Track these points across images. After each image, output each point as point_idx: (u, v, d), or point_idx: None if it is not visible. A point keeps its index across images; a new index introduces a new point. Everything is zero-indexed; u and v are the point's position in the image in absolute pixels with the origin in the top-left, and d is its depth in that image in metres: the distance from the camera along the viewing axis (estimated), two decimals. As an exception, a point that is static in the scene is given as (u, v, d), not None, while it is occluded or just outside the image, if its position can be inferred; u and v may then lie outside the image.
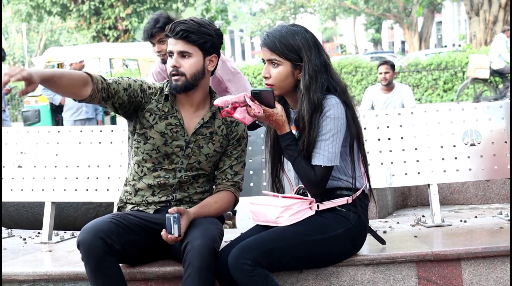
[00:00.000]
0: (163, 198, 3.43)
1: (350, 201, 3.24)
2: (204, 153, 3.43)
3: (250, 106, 3.10)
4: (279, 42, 3.18)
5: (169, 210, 3.15)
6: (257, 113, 3.11)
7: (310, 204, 3.22)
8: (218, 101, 3.13)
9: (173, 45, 3.34)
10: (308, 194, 3.27)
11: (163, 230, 3.15)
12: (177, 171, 3.42)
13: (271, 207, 3.24)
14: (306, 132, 3.18)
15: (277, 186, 3.43)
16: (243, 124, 3.47)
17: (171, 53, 3.35)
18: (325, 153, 3.16)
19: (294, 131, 3.27)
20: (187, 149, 3.42)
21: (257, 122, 3.45)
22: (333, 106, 3.15)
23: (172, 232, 3.11)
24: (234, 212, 5.11)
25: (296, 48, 3.18)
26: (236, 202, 3.53)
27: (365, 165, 3.33)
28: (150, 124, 3.40)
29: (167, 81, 3.46)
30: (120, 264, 3.26)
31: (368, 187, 3.34)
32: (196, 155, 3.42)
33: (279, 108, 3.17)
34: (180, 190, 3.44)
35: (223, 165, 3.50)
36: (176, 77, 3.34)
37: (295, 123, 3.27)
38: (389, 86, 8.94)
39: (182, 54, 3.33)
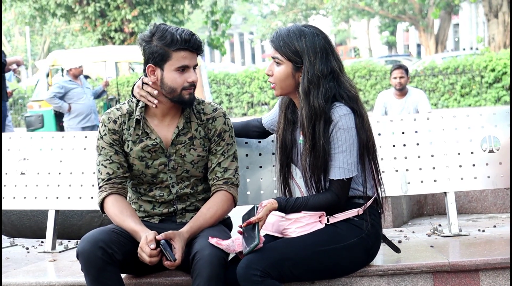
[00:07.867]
0: (165, 211, 3.43)
1: (361, 212, 3.23)
2: (188, 161, 3.39)
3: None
4: (283, 41, 3.19)
5: (157, 238, 3.10)
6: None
7: (320, 217, 3.21)
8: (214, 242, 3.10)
9: (190, 59, 3.29)
10: None
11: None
12: (170, 187, 3.41)
13: (279, 218, 3.24)
14: (310, 139, 3.17)
15: (286, 193, 3.43)
16: (220, 118, 3.43)
17: (186, 67, 3.29)
18: (344, 166, 3.16)
19: (301, 137, 3.26)
20: (171, 163, 3.38)
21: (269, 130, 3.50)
22: (343, 116, 3.15)
23: (168, 259, 3.09)
24: None
25: (299, 49, 3.17)
26: (234, 199, 3.43)
27: (377, 172, 3.32)
28: (127, 152, 3.40)
29: (134, 101, 3.41)
30: (124, 275, 3.26)
31: (380, 195, 3.34)
32: (182, 166, 3.39)
33: (261, 214, 3.11)
34: (180, 202, 3.44)
35: (211, 164, 3.42)
36: (191, 91, 3.33)
37: (301, 128, 3.26)
38: (402, 91, 8.93)
39: (194, 67, 3.33)
